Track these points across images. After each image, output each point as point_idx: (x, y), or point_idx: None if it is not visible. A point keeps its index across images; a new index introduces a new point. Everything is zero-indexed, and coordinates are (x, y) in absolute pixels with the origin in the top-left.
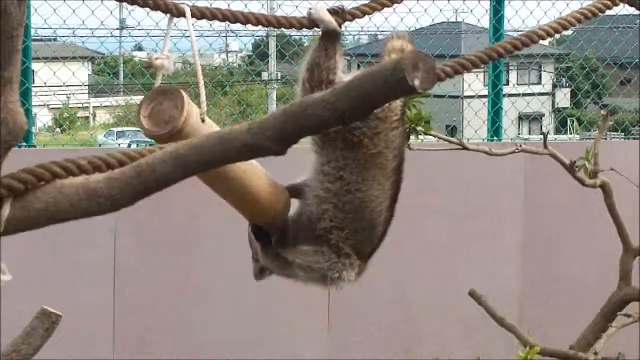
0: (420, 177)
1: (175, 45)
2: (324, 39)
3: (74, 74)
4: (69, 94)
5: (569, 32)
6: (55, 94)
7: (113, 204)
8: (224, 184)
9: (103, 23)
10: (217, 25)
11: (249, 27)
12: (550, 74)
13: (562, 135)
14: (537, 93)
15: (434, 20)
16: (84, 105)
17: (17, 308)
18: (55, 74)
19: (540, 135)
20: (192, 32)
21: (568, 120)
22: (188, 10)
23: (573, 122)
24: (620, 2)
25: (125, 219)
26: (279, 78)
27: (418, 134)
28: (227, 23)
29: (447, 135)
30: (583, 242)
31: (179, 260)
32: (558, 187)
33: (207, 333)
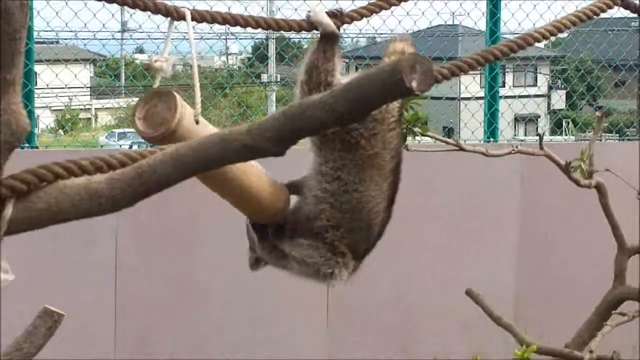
0: (418, 178)
1: (176, 48)
2: (323, 42)
3: (76, 76)
4: (71, 96)
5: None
6: (58, 96)
7: (114, 205)
8: (224, 185)
9: (105, 26)
10: (217, 28)
11: (249, 29)
12: (546, 76)
13: (557, 137)
14: (533, 95)
15: (432, 23)
16: (86, 107)
17: (19, 307)
18: (58, 76)
19: (536, 137)
20: (191, 35)
21: (563, 122)
22: (188, 14)
23: (568, 123)
24: (615, 5)
25: (126, 219)
26: (279, 80)
27: (415, 135)
28: (227, 26)
29: (444, 137)
30: (578, 241)
31: (180, 260)
32: (554, 187)
33: (207, 332)
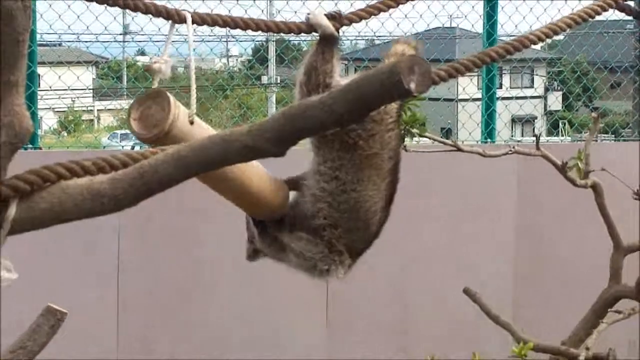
0: (416, 178)
1: (177, 50)
2: (322, 44)
3: (79, 78)
4: (74, 98)
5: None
6: (61, 98)
7: (116, 204)
8: (224, 184)
9: (107, 28)
10: (218, 31)
11: (249, 32)
12: (543, 78)
13: (554, 137)
14: (529, 96)
15: (429, 26)
16: (89, 109)
17: (23, 305)
18: (61, 78)
19: (533, 137)
20: (191, 37)
21: (560, 123)
22: (189, 17)
23: (565, 124)
24: (610, 7)
25: (129, 219)
26: (279, 82)
27: (413, 136)
28: (227, 28)
29: (442, 138)
30: (575, 240)
31: (182, 260)
32: (550, 187)
33: (208, 331)
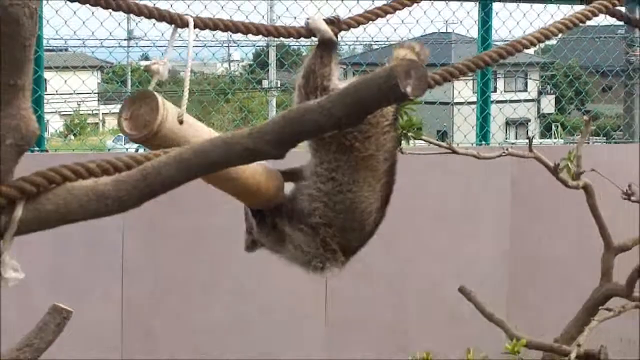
0: (412, 179)
1: (180, 55)
2: (320, 48)
3: (84, 83)
4: (80, 102)
5: (554, 41)
6: (67, 102)
7: (120, 205)
8: (219, 175)
9: (112, 34)
10: (219, 36)
11: (250, 37)
12: (536, 82)
13: (547, 140)
14: (523, 100)
15: (426, 31)
16: (94, 112)
17: (29, 304)
18: (67, 83)
19: (526, 140)
20: (191, 39)
21: (553, 126)
22: (191, 21)
23: (557, 127)
24: (601, 13)
25: (133, 219)
26: (279, 86)
27: (409, 140)
28: (229, 33)
29: (438, 140)
30: (567, 240)
31: (185, 259)
32: (543, 188)
33: (209, 330)
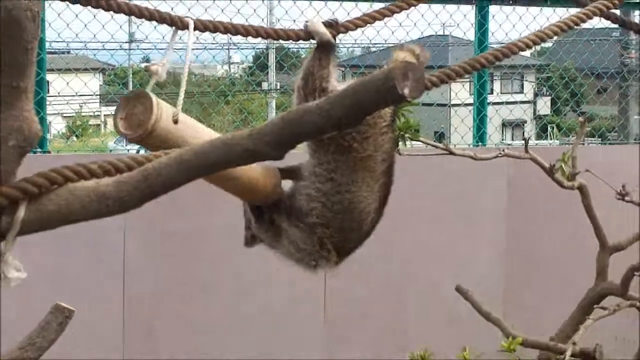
0: (410, 180)
1: (181, 58)
2: (319, 50)
3: (86, 85)
4: (82, 103)
5: (550, 44)
6: (69, 103)
7: (122, 206)
8: (218, 177)
9: (113, 37)
10: (219, 38)
11: (250, 39)
12: (532, 84)
13: (542, 141)
14: (519, 101)
15: (423, 33)
16: (96, 114)
17: (32, 303)
18: (69, 85)
19: (523, 141)
20: (190, 43)
21: (548, 127)
22: (191, 23)
23: (553, 128)
24: (596, 15)
25: (134, 220)
26: (278, 88)
27: (406, 141)
28: (229, 36)
29: (435, 141)
30: (562, 240)
31: (186, 259)
32: (539, 189)
33: (210, 329)
